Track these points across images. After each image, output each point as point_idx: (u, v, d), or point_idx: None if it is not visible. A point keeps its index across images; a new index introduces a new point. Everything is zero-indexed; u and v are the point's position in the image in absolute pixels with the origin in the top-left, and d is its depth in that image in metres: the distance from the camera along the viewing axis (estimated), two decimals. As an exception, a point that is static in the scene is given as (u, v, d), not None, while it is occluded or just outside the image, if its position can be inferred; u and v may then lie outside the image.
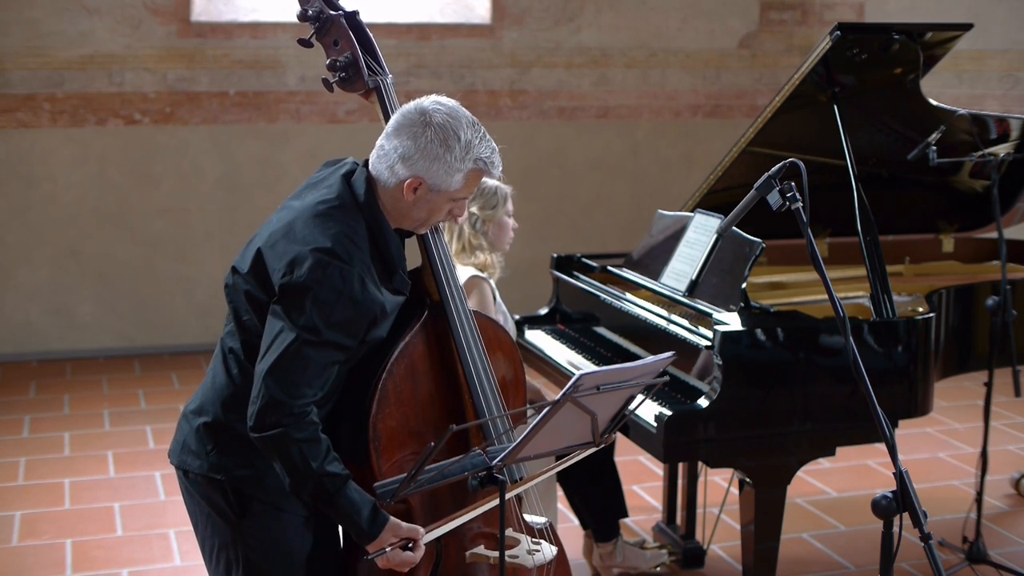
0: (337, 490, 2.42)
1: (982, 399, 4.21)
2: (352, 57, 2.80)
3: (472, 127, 2.54)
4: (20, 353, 6.79)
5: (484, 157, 2.55)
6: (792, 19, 7.86)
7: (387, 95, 2.81)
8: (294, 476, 2.42)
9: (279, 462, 2.43)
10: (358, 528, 2.45)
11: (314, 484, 2.42)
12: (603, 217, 7.65)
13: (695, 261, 3.80)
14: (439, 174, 2.51)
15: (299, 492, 2.46)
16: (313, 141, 7.09)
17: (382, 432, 2.55)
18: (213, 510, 2.62)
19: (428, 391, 2.66)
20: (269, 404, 2.40)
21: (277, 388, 2.39)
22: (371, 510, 2.44)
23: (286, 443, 2.40)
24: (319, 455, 2.41)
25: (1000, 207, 4.15)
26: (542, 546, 2.72)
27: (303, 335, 2.40)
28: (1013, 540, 4.55)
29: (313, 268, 2.41)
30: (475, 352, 2.69)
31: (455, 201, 2.58)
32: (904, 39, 3.87)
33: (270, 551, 2.59)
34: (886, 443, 2.39)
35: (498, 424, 2.71)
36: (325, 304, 2.41)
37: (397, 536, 2.46)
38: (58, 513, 4.76)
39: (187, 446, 2.63)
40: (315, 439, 2.42)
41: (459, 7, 7.35)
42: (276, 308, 2.45)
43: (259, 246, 2.54)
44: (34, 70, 6.62)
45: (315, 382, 2.43)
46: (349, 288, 2.43)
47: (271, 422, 2.40)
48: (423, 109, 2.54)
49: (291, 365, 2.40)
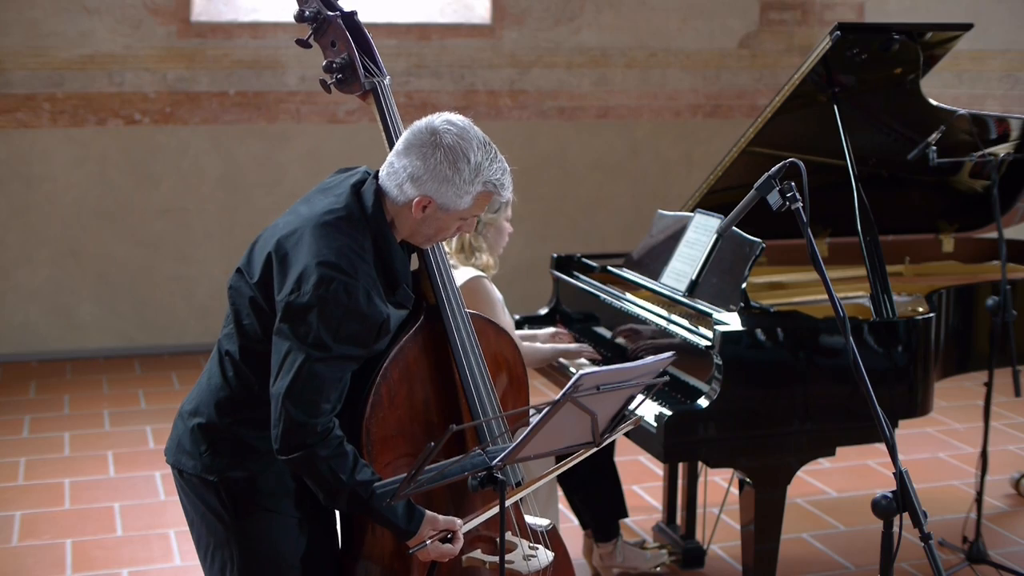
0: (371, 496, 2.45)
1: (982, 399, 4.21)
2: (348, 58, 2.79)
3: (483, 148, 2.55)
4: (20, 353, 6.79)
5: (494, 179, 2.57)
6: (792, 19, 7.86)
7: (383, 97, 2.80)
8: (327, 491, 2.46)
9: (310, 480, 2.47)
10: (396, 527, 2.49)
11: (348, 495, 2.45)
12: (603, 217, 7.65)
13: (695, 261, 3.80)
14: (448, 195, 2.52)
15: (334, 504, 2.50)
16: (313, 141, 7.09)
17: (375, 435, 2.55)
18: (207, 510, 2.63)
19: (423, 394, 2.65)
20: (291, 427, 2.42)
21: (296, 410, 2.41)
22: (405, 508, 2.48)
23: (314, 462, 2.43)
24: (347, 468, 2.44)
25: (1000, 207, 4.15)
26: (539, 551, 2.71)
27: (313, 353, 2.41)
28: (1013, 540, 4.55)
29: (318, 284, 2.42)
30: (471, 356, 2.68)
31: (464, 220, 2.60)
32: (904, 39, 3.87)
33: (264, 552, 2.60)
34: (886, 443, 2.39)
35: (493, 426, 2.70)
36: (331, 320, 2.42)
37: (436, 529, 2.51)
38: (58, 513, 4.76)
39: (182, 446, 2.64)
40: (342, 453, 2.44)
41: (459, 7, 7.35)
42: (283, 327, 2.45)
43: (269, 251, 2.53)
44: (34, 70, 6.62)
45: (332, 396, 2.45)
46: (355, 302, 2.44)
47: (296, 443, 2.42)
48: (434, 128, 2.53)
49: (306, 385, 2.41)
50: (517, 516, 2.83)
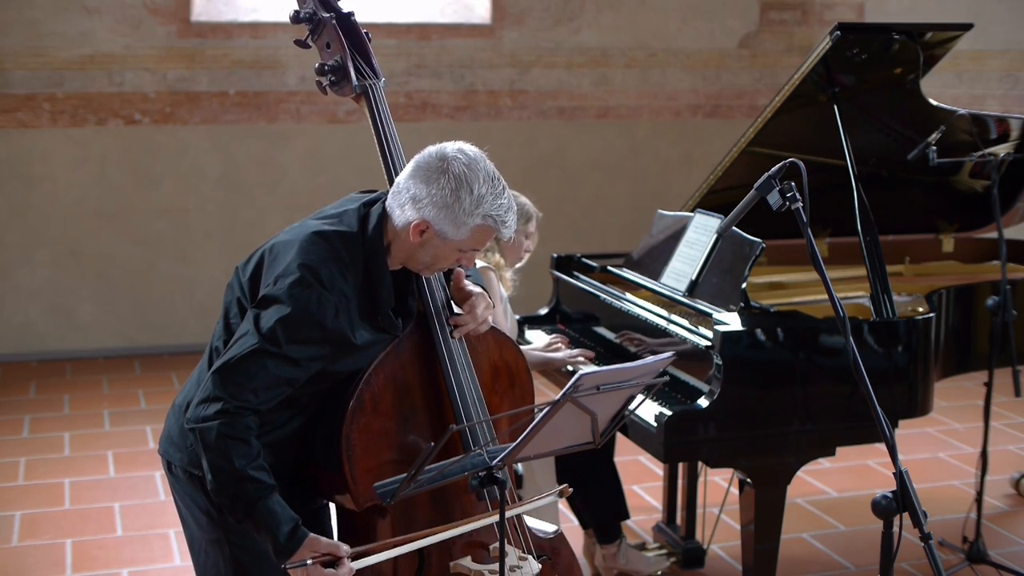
0: (258, 498, 2.41)
1: (982, 399, 4.21)
2: (340, 61, 2.78)
3: (489, 182, 2.51)
4: (20, 353, 6.79)
5: (494, 215, 2.51)
6: (792, 19, 7.86)
7: (375, 100, 2.77)
8: (217, 474, 2.42)
9: (205, 458, 2.43)
10: (275, 540, 2.42)
11: (235, 486, 2.40)
12: (603, 217, 7.65)
13: (695, 261, 3.80)
14: (446, 223, 2.49)
15: (220, 493, 2.44)
16: (313, 141, 7.09)
17: (355, 441, 2.53)
18: (196, 507, 2.64)
19: (409, 401, 2.62)
20: (209, 398, 2.42)
21: (222, 385, 2.42)
22: (292, 527, 2.43)
23: (214, 437, 2.40)
24: (245, 456, 2.41)
25: (1000, 207, 4.15)
26: (527, 562, 2.68)
27: (263, 344, 2.42)
28: (1013, 540, 4.55)
29: (293, 284, 2.43)
30: (458, 365, 2.65)
31: (463, 252, 2.55)
32: (904, 39, 3.87)
33: (255, 550, 2.59)
34: (886, 443, 2.39)
35: (478, 432, 2.67)
36: (292, 320, 2.42)
37: (316, 551, 2.43)
38: (58, 513, 4.76)
39: (171, 438, 2.67)
40: (244, 440, 2.42)
41: (459, 7, 7.35)
42: (251, 312, 2.48)
43: (263, 251, 2.57)
44: (34, 70, 6.62)
45: (261, 392, 2.43)
46: (321, 313, 2.44)
47: (206, 415, 2.41)
48: (444, 155, 2.51)
49: (243, 367, 2.42)
50: (513, 528, 2.79)
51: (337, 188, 6.72)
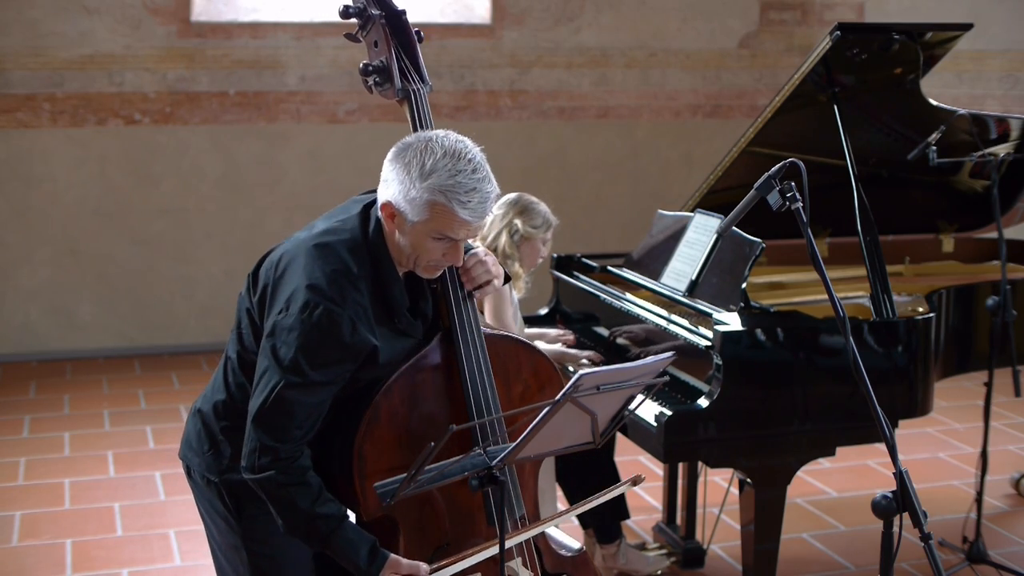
0: (332, 531, 2.41)
1: (982, 399, 4.21)
2: (385, 62, 2.68)
3: (450, 157, 2.37)
4: (20, 353, 6.79)
5: (446, 190, 2.35)
6: (792, 19, 7.86)
7: (418, 105, 2.65)
8: (286, 518, 2.43)
9: (271, 505, 2.45)
10: (357, 567, 2.43)
11: (307, 525, 2.42)
12: (603, 217, 7.65)
13: (695, 261, 3.80)
14: (399, 197, 2.40)
15: (293, 532, 2.46)
16: (313, 141, 7.09)
17: (367, 453, 2.51)
18: (215, 513, 2.64)
19: (428, 415, 2.58)
20: (258, 448, 2.40)
21: (265, 433, 2.39)
22: (369, 550, 2.43)
23: (275, 487, 2.41)
24: (309, 497, 2.41)
25: (1000, 207, 4.15)
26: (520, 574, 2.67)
27: (288, 377, 2.38)
28: (1013, 540, 4.55)
29: (303, 308, 2.38)
30: (479, 379, 2.59)
31: (437, 241, 2.42)
32: (904, 39, 3.87)
33: (273, 555, 2.59)
34: (886, 443, 2.39)
35: (495, 433, 2.64)
36: (310, 345, 2.38)
37: (397, 572, 2.44)
38: (58, 513, 4.76)
39: (190, 443, 2.66)
40: (302, 483, 2.41)
41: (459, 7, 7.35)
42: (266, 345, 2.43)
43: (269, 266, 2.51)
44: (34, 70, 6.62)
45: (304, 423, 2.42)
46: (336, 330, 2.39)
47: (260, 465, 2.41)
48: (427, 137, 2.44)
49: (277, 408, 2.39)
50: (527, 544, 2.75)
51: (337, 188, 6.74)
